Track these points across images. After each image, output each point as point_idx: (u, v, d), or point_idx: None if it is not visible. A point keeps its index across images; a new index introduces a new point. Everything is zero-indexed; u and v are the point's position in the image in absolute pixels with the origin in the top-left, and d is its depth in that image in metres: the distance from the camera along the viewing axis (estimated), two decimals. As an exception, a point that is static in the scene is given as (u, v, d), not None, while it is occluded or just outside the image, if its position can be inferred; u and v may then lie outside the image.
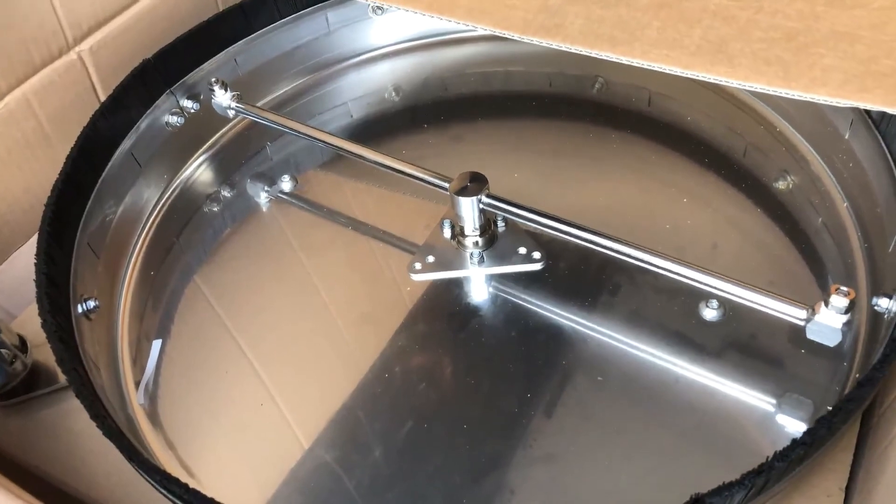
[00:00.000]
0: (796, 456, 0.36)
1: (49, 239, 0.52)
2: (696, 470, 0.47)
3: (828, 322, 0.44)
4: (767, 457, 0.36)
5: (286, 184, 0.69)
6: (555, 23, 0.57)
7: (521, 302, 0.56)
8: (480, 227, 0.58)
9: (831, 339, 0.45)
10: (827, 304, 0.44)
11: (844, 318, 0.44)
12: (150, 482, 0.42)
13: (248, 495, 0.49)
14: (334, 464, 0.49)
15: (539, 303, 0.56)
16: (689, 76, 0.53)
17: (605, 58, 0.56)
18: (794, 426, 0.47)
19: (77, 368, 0.46)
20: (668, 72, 0.54)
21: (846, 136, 0.59)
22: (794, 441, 0.36)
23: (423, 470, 0.48)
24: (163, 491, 0.41)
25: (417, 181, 0.59)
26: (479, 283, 0.58)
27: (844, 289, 0.43)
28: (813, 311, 0.45)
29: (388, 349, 0.55)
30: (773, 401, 0.49)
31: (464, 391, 0.52)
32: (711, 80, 0.52)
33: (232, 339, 0.58)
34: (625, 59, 0.55)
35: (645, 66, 0.54)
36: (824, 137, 0.62)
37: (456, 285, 0.58)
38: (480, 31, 0.79)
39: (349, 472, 0.49)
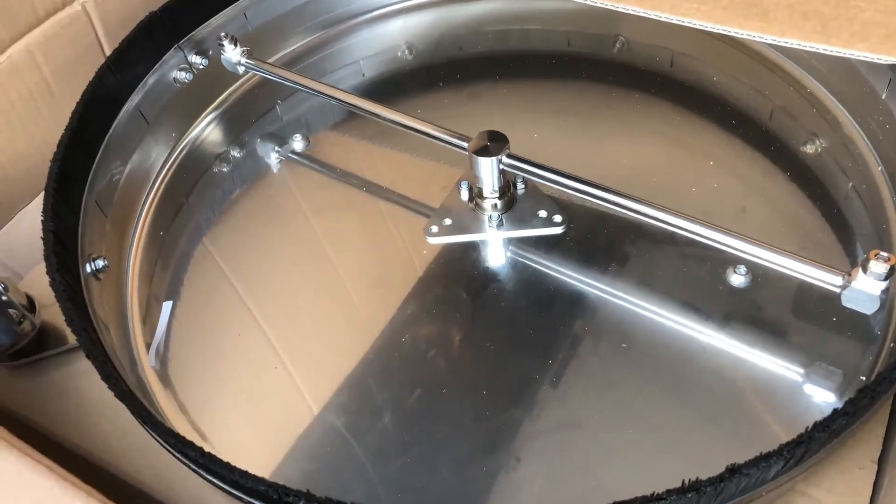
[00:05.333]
0: (837, 426, 0.34)
1: (56, 196, 0.51)
2: (722, 439, 0.46)
3: (866, 289, 0.42)
4: (807, 427, 0.35)
5: (298, 143, 0.67)
6: (580, -25, 0.55)
7: (540, 267, 0.55)
8: (500, 188, 0.56)
9: (869, 307, 0.43)
10: (865, 270, 0.42)
11: (883, 284, 0.42)
12: (164, 446, 0.41)
13: (258, 459, 0.48)
14: (345, 429, 0.49)
15: (560, 267, 0.55)
16: (721, 32, 0.51)
17: (632, 12, 0.53)
18: (823, 396, 0.46)
19: (87, 329, 0.45)
20: (698, 27, 0.51)
21: (883, 97, 0.56)
22: (836, 411, 0.35)
23: (447, 434, 0.47)
24: (177, 455, 0.40)
25: (434, 140, 0.57)
26: (498, 247, 0.57)
27: (884, 254, 0.41)
28: (849, 277, 0.43)
29: (402, 314, 0.54)
30: (802, 370, 0.47)
31: (482, 357, 0.51)
32: (744, 37, 0.50)
33: (241, 301, 0.57)
34: (653, 14, 0.53)
35: (674, 22, 0.52)
36: (859, 98, 0.59)
37: (473, 249, 0.57)
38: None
39: (361, 437, 0.48)
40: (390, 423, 0.48)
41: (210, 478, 0.40)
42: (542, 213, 0.57)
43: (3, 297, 0.50)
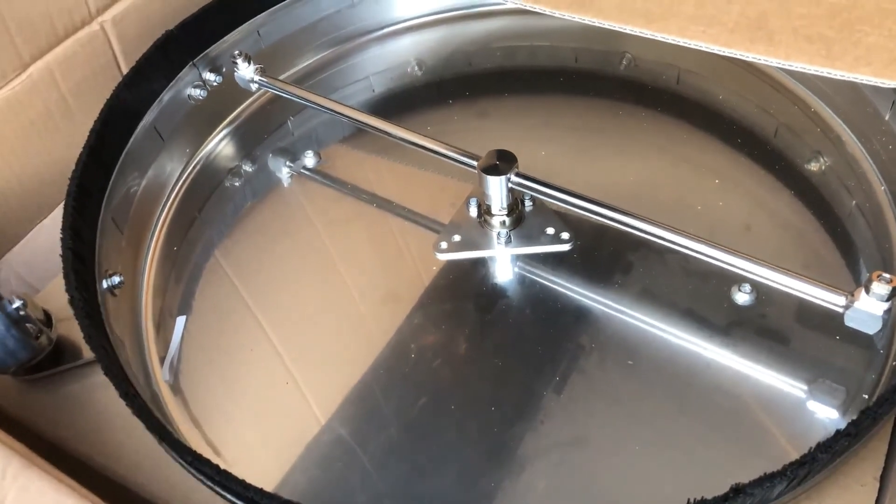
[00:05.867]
0: (840, 447, 0.35)
1: (74, 213, 0.52)
2: (726, 456, 0.46)
3: (868, 309, 0.43)
4: (810, 448, 0.35)
5: (309, 159, 0.68)
6: (588, -3, 0.56)
7: (548, 283, 0.56)
8: (508, 206, 0.57)
9: (871, 327, 0.44)
10: (868, 291, 0.43)
11: (886, 305, 0.43)
12: (180, 463, 0.42)
13: (270, 471, 0.49)
14: (353, 441, 0.49)
15: (567, 284, 0.55)
16: (727, 55, 0.52)
17: (639, 34, 0.54)
18: (827, 413, 0.47)
19: (105, 346, 0.46)
20: (705, 50, 0.52)
21: (887, 117, 0.57)
22: (839, 432, 0.36)
23: (453, 447, 0.48)
24: (193, 471, 0.41)
25: (443, 158, 0.58)
26: (506, 264, 0.58)
27: (886, 275, 0.42)
28: (852, 297, 0.44)
29: (411, 328, 0.54)
30: (805, 387, 0.48)
31: (489, 372, 0.52)
32: (750, 59, 0.51)
33: (252, 315, 0.57)
34: (660, 36, 0.54)
35: (681, 44, 0.53)
36: (863, 118, 0.60)
37: (482, 265, 0.58)
38: (507, 6, 0.78)
39: (369, 449, 0.49)
40: (398, 437, 0.49)
41: (226, 494, 0.40)
42: (550, 231, 0.58)
43: (22, 313, 0.51)
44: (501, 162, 0.55)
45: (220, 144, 0.71)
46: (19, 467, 0.37)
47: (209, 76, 0.68)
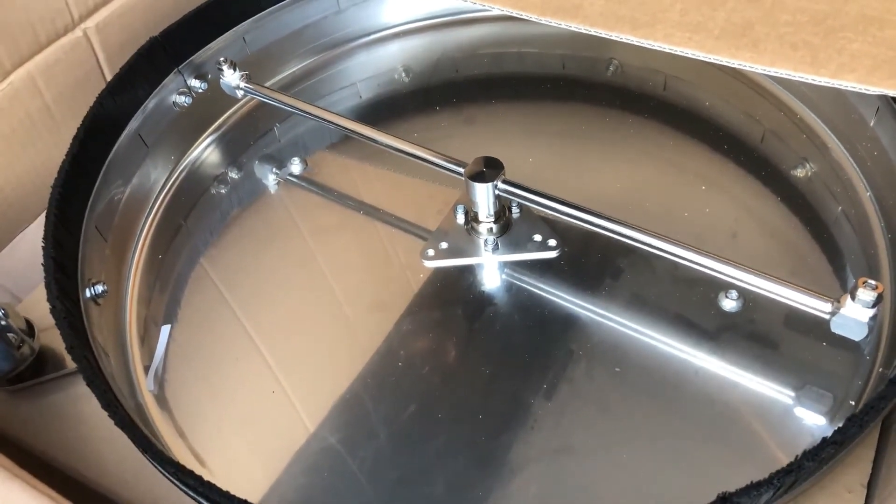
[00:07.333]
0: (826, 455, 0.35)
1: (57, 221, 0.51)
2: (714, 463, 0.46)
3: (854, 316, 0.43)
4: (797, 455, 0.35)
5: (295, 166, 0.67)
6: (573, 3, 0.56)
7: (535, 290, 0.56)
8: (495, 213, 0.57)
9: (857, 334, 0.44)
10: (854, 298, 0.43)
11: (871, 311, 0.43)
12: (164, 475, 0.41)
13: (256, 482, 0.49)
14: (342, 451, 0.49)
15: (554, 291, 0.55)
16: (712, 61, 0.52)
17: (625, 41, 0.54)
18: (814, 419, 0.47)
19: (87, 356, 0.45)
20: (690, 56, 0.52)
21: (871, 124, 0.57)
22: (825, 440, 0.36)
23: (442, 457, 0.48)
24: (177, 483, 0.41)
25: (430, 165, 0.58)
26: (493, 271, 0.57)
27: (872, 282, 0.42)
28: (838, 304, 0.44)
29: (399, 336, 0.54)
30: (793, 393, 0.48)
31: (477, 380, 0.51)
32: (735, 66, 0.51)
33: (239, 323, 0.57)
34: (646, 43, 0.54)
35: (667, 51, 0.53)
36: (848, 124, 0.60)
37: (469, 272, 0.57)
38: (493, 12, 0.78)
39: (358, 459, 0.48)
40: (386, 448, 0.48)
41: (209, 505, 0.40)
42: (537, 238, 0.57)
43: (3, 323, 0.50)
44: (488, 169, 0.55)
45: (205, 151, 0.71)
46: (0, 478, 0.36)
47: (194, 83, 0.68)
